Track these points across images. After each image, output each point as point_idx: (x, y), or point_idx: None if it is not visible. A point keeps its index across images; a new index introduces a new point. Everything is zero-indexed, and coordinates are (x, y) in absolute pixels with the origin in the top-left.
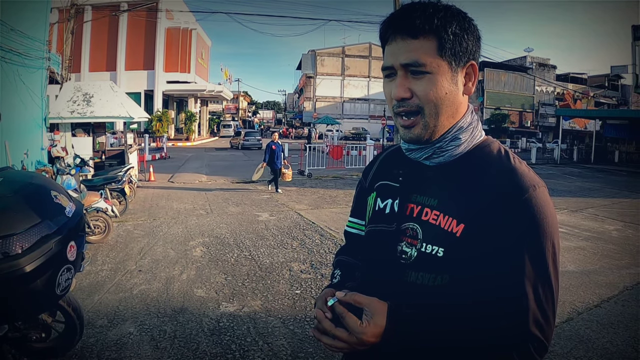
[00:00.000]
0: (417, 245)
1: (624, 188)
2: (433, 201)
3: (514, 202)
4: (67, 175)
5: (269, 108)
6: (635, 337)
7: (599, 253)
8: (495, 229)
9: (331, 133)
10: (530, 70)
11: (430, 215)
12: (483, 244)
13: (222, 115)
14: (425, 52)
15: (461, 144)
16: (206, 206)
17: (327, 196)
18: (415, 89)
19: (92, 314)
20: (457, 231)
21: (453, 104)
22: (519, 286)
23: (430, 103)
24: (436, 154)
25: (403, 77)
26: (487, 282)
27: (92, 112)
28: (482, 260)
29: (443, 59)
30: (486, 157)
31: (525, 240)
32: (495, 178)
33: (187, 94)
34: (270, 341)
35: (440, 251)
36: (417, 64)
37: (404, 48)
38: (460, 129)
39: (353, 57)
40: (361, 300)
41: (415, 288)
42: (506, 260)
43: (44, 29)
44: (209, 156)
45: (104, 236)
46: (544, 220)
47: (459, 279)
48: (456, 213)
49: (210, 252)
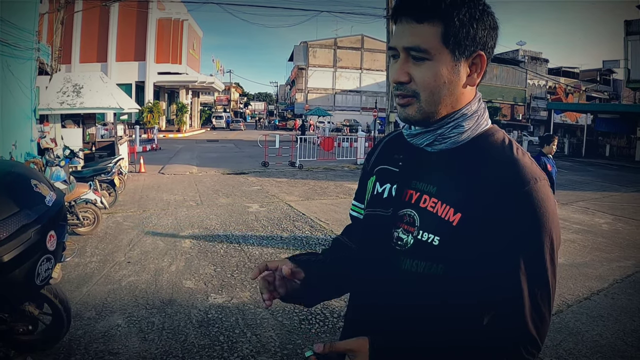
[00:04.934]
0: (413, 232)
1: (614, 182)
2: (432, 188)
3: (513, 194)
4: (56, 167)
5: (261, 100)
6: (624, 330)
7: (589, 246)
8: (492, 221)
9: (322, 125)
10: (522, 63)
11: (428, 202)
12: (479, 235)
13: (213, 107)
14: (428, 38)
15: (464, 132)
16: (196, 197)
17: (317, 187)
18: (414, 74)
19: (80, 305)
20: (453, 220)
21: (452, 94)
22: (514, 283)
23: (426, 90)
24: (438, 141)
25: (404, 61)
26: (481, 276)
27: (81, 103)
28: (477, 251)
29: (446, 46)
30: (489, 146)
31: (522, 235)
32: (496, 168)
33: (179, 85)
34: (259, 332)
35: (435, 239)
36: (418, 49)
37: (409, 31)
38: (463, 116)
39: (345, 49)
40: (339, 348)
41: (409, 276)
42: (502, 253)
43: (33, 19)
44: (200, 147)
45: (92, 228)
46: (543, 214)
47: (453, 270)
48: (454, 201)
49: (200, 243)
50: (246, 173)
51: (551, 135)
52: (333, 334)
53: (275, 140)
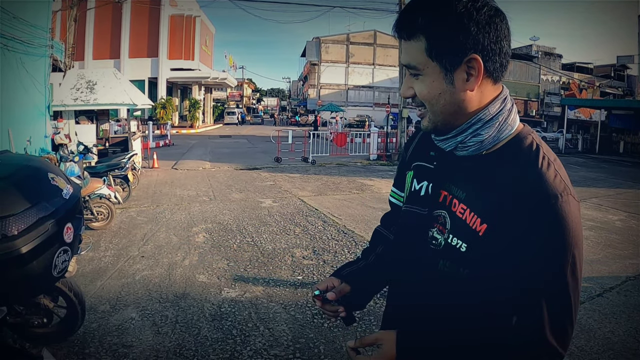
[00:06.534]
0: (445, 234)
1: (628, 178)
2: (462, 193)
3: (536, 210)
4: (70, 163)
5: (273, 95)
6: (637, 328)
7: (602, 243)
8: (515, 236)
9: (335, 120)
10: (535, 59)
11: (458, 207)
12: (503, 247)
13: (226, 103)
14: (415, 54)
15: (484, 140)
16: (209, 193)
17: (330, 183)
18: (415, 89)
19: (95, 299)
20: (480, 230)
21: (452, 103)
22: (535, 297)
23: (426, 102)
24: (459, 149)
25: (408, 77)
26: (504, 286)
27: (95, 100)
28: (501, 262)
29: (432, 59)
30: (514, 156)
31: (543, 250)
32: (519, 183)
33: (191, 81)
34: (272, 326)
35: (463, 246)
36: (409, 65)
37: (403, 49)
38: (480, 121)
39: (358, 45)
40: (369, 339)
41: (443, 275)
42: (524, 267)
43: (46, 16)
44: (213, 143)
45: (107, 222)
46: (564, 232)
47: (477, 275)
48: (480, 211)
49: (213, 238)
50: (259, 168)
51: None
52: (345, 328)
53: (288, 136)
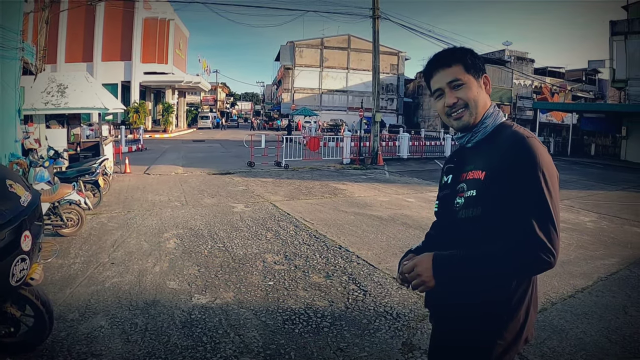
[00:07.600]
0: (464, 195)
1: (599, 180)
2: (472, 166)
3: (513, 146)
4: (40, 168)
5: (248, 99)
6: (609, 328)
7: (573, 244)
8: (502, 169)
9: (309, 125)
10: (508, 63)
11: (469, 174)
12: (497, 182)
13: (200, 107)
14: (458, 72)
15: (488, 125)
16: (181, 198)
17: (303, 187)
18: (460, 96)
19: (63, 307)
20: (481, 177)
21: (482, 100)
22: (523, 209)
23: (470, 100)
24: (474, 136)
25: (449, 91)
26: (504, 210)
27: (66, 104)
28: (498, 193)
29: (469, 74)
30: (502, 130)
31: (521, 173)
32: (505, 139)
33: (165, 85)
34: (242, 333)
35: (473, 192)
36: (456, 79)
37: (445, 74)
38: (487, 116)
39: (332, 49)
40: (410, 266)
41: (462, 221)
42: (512, 190)
43: (17, 18)
44: (186, 148)
45: (76, 229)
46: (533, 155)
47: (487, 209)
48: (482, 166)
49: (184, 244)
50: (232, 173)
51: None
52: (316, 334)
53: (261, 140)
